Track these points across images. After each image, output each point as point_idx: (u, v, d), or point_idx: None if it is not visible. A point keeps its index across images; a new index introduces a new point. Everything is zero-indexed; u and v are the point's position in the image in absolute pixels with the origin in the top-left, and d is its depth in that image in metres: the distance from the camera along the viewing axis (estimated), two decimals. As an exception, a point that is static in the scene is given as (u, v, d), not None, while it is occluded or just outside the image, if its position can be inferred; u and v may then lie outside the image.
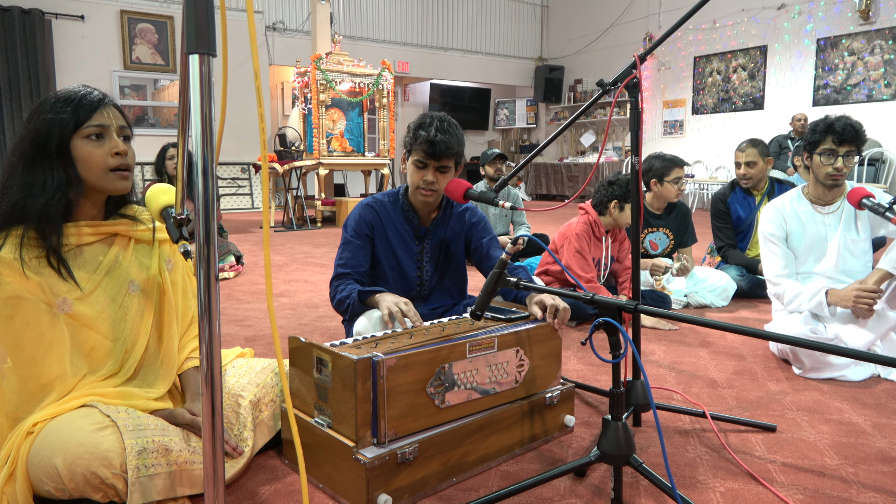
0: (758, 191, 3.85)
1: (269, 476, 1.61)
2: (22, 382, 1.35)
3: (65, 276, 1.37)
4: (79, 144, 1.37)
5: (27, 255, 1.34)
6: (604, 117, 12.28)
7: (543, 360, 1.80)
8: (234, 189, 10.12)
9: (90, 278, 1.43)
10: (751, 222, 3.85)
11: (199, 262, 0.88)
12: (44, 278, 1.36)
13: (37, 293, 1.35)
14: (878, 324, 2.40)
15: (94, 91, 1.42)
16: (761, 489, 1.55)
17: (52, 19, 8.55)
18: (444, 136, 2.00)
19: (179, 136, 1.08)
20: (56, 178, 1.35)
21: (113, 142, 1.40)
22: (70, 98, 1.38)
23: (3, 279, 1.32)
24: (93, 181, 1.39)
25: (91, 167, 1.37)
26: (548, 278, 3.35)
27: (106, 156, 1.38)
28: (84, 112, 1.37)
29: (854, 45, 8.75)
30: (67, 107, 1.36)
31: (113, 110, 1.42)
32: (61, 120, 1.35)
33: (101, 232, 1.46)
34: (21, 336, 1.34)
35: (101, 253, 1.46)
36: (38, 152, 1.35)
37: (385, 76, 8.02)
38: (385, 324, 1.84)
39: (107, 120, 1.39)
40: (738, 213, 3.88)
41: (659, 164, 3.48)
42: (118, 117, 1.42)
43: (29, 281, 1.34)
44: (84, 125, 1.37)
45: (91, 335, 1.42)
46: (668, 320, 3.12)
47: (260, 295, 3.88)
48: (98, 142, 1.38)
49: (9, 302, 1.33)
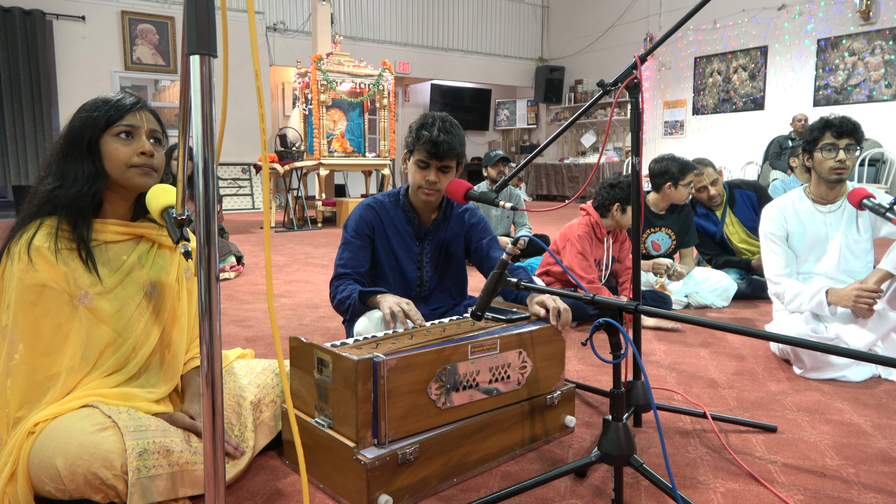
0: (717, 207, 3.81)
1: (270, 476, 1.61)
2: (30, 372, 1.36)
3: (90, 270, 1.41)
4: (108, 141, 1.43)
5: (59, 245, 1.38)
6: (604, 118, 12.28)
7: (546, 362, 1.80)
8: (235, 189, 10.13)
9: (112, 276, 1.46)
10: (721, 236, 3.83)
11: (200, 262, 0.88)
12: (70, 270, 1.39)
13: (62, 283, 1.38)
14: (878, 324, 2.40)
15: (132, 96, 1.48)
16: (762, 490, 1.55)
17: (52, 20, 8.56)
18: (446, 136, 2.00)
19: (180, 137, 1.08)
20: (86, 171, 1.41)
21: (140, 142, 1.45)
22: (108, 100, 1.46)
23: (34, 265, 1.36)
24: (116, 176, 1.44)
25: (115, 163, 1.43)
26: (549, 279, 3.34)
27: (132, 154, 1.44)
28: (117, 112, 1.44)
29: (854, 45, 8.75)
30: (104, 107, 1.44)
31: (147, 114, 1.48)
32: (95, 118, 1.43)
33: (128, 232, 1.50)
34: (40, 324, 1.37)
35: (126, 252, 1.50)
36: (72, 147, 1.43)
37: (386, 77, 8.03)
38: (387, 324, 1.84)
39: (138, 122, 1.45)
40: (705, 230, 3.83)
41: (676, 168, 3.40)
42: (151, 121, 1.48)
43: (57, 270, 1.37)
44: (115, 124, 1.43)
45: (105, 331, 1.44)
46: (670, 320, 3.12)
47: (261, 295, 3.88)
48: (126, 140, 1.44)
49: (34, 289, 1.36)
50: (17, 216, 1.45)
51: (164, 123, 1.54)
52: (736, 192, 3.85)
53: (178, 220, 1.30)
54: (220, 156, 0.90)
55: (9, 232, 1.42)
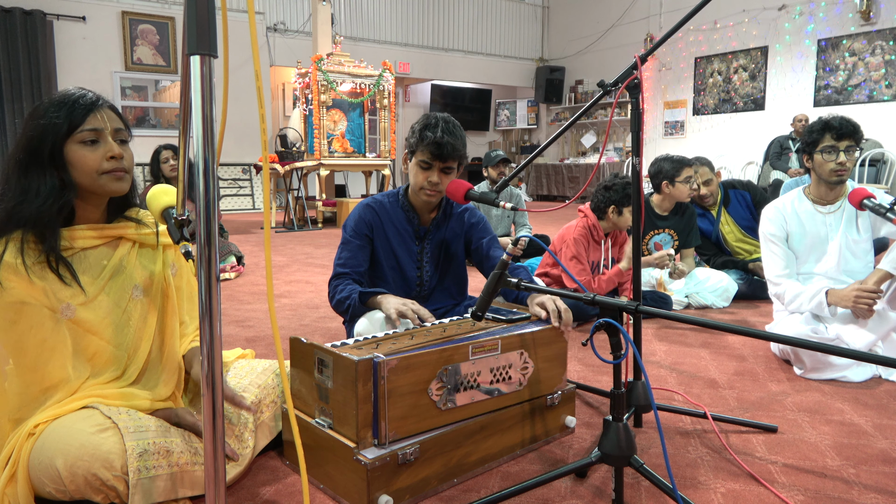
0: (712, 206, 3.80)
1: (271, 477, 1.61)
2: (24, 385, 1.35)
3: (68, 281, 1.36)
4: (73, 149, 1.35)
5: (29, 260, 1.32)
6: (605, 118, 12.28)
7: (548, 363, 1.79)
8: (235, 190, 10.13)
9: (94, 282, 1.42)
10: (717, 235, 3.82)
11: (200, 262, 0.88)
12: (47, 283, 1.35)
13: (41, 298, 1.34)
14: (879, 324, 2.40)
15: (89, 94, 1.39)
16: (762, 490, 1.55)
17: (53, 20, 8.56)
18: (450, 137, 2.01)
19: (180, 137, 1.08)
20: (49, 184, 1.33)
21: (107, 145, 1.37)
22: (64, 102, 1.35)
23: (8, 283, 1.31)
24: (87, 185, 1.37)
25: (84, 171, 1.36)
26: (548, 280, 3.34)
27: (100, 160, 1.36)
28: (77, 116, 1.34)
29: (855, 45, 8.75)
30: (60, 111, 1.34)
31: (108, 112, 1.39)
32: (54, 125, 1.33)
33: (105, 235, 1.45)
34: (23, 340, 1.34)
35: (106, 257, 1.45)
36: (32, 158, 1.33)
37: (386, 77, 8.03)
38: (393, 324, 1.84)
39: (101, 123, 1.37)
40: (702, 230, 3.81)
41: (669, 166, 3.44)
42: (114, 119, 1.40)
43: (33, 286, 1.33)
44: (77, 130, 1.34)
45: (94, 340, 1.41)
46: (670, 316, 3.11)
47: (261, 296, 3.88)
48: (92, 146, 1.36)
49: (13, 307, 1.32)
50: None
51: (126, 119, 1.43)
52: (730, 192, 3.86)
53: (179, 220, 1.29)
54: (220, 156, 0.90)
55: None
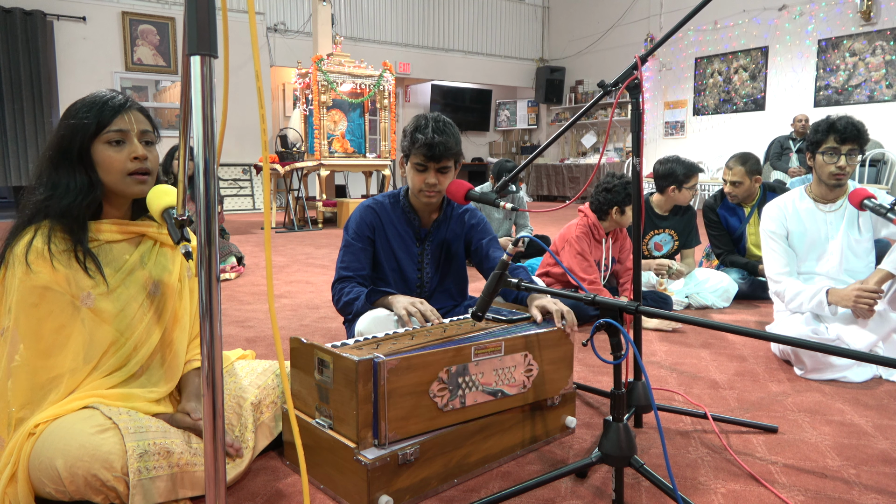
0: (747, 203, 3.77)
1: (271, 477, 1.61)
2: (32, 374, 1.36)
3: (91, 272, 1.40)
4: (99, 149, 1.41)
5: (56, 249, 1.37)
6: (605, 118, 12.28)
7: (553, 365, 1.79)
8: (236, 190, 10.13)
9: (115, 275, 1.46)
10: (741, 232, 3.81)
11: (201, 263, 0.88)
12: (71, 272, 1.39)
13: (63, 286, 1.38)
14: (879, 325, 2.40)
15: (119, 96, 1.45)
16: (763, 490, 1.55)
17: (53, 21, 8.56)
18: (441, 136, 2.00)
19: (181, 138, 1.08)
20: (79, 182, 1.39)
21: (133, 146, 1.42)
22: (94, 103, 1.41)
23: (34, 268, 1.35)
24: (111, 185, 1.42)
25: (110, 171, 1.41)
26: (549, 279, 3.34)
27: (125, 160, 1.41)
28: (106, 117, 1.40)
29: (855, 45, 8.74)
30: (90, 112, 1.40)
31: (136, 114, 1.45)
32: (84, 125, 1.39)
33: (128, 231, 1.49)
34: (42, 325, 1.37)
35: (128, 252, 1.49)
36: (63, 156, 1.40)
37: (386, 77, 8.03)
38: (404, 323, 1.85)
39: (127, 125, 1.42)
40: (728, 222, 3.80)
41: (681, 171, 3.39)
42: (141, 121, 1.45)
43: (57, 273, 1.37)
44: (105, 130, 1.40)
45: (107, 330, 1.44)
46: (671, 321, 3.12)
47: (261, 296, 3.88)
48: (118, 147, 1.42)
49: (36, 291, 1.36)
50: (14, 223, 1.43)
51: (155, 121, 1.51)
52: (768, 195, 3.82)
53: (179, 220, 1.30)
54: (220, 156, 0.90)
55: (5, 240, 1.41)
